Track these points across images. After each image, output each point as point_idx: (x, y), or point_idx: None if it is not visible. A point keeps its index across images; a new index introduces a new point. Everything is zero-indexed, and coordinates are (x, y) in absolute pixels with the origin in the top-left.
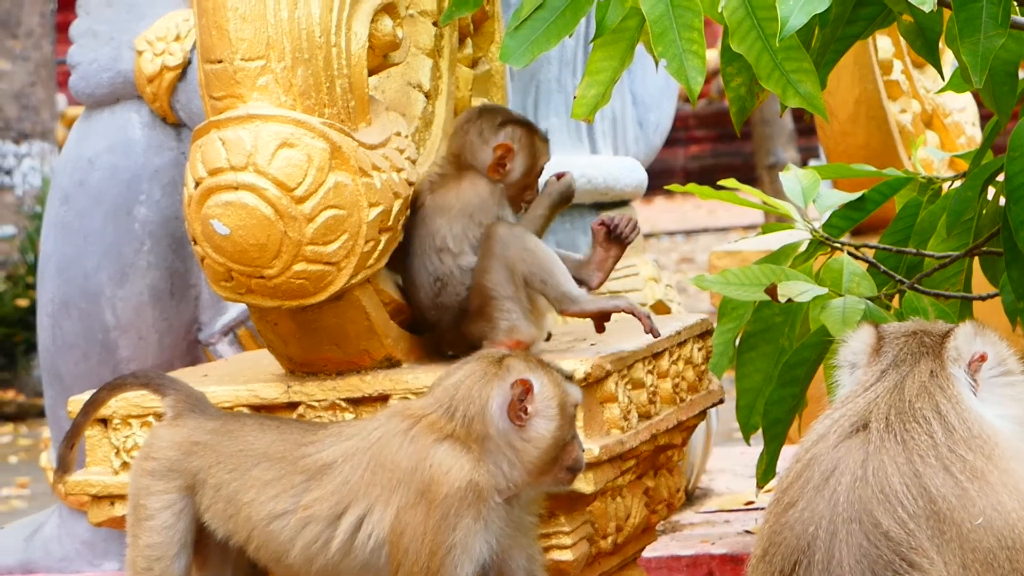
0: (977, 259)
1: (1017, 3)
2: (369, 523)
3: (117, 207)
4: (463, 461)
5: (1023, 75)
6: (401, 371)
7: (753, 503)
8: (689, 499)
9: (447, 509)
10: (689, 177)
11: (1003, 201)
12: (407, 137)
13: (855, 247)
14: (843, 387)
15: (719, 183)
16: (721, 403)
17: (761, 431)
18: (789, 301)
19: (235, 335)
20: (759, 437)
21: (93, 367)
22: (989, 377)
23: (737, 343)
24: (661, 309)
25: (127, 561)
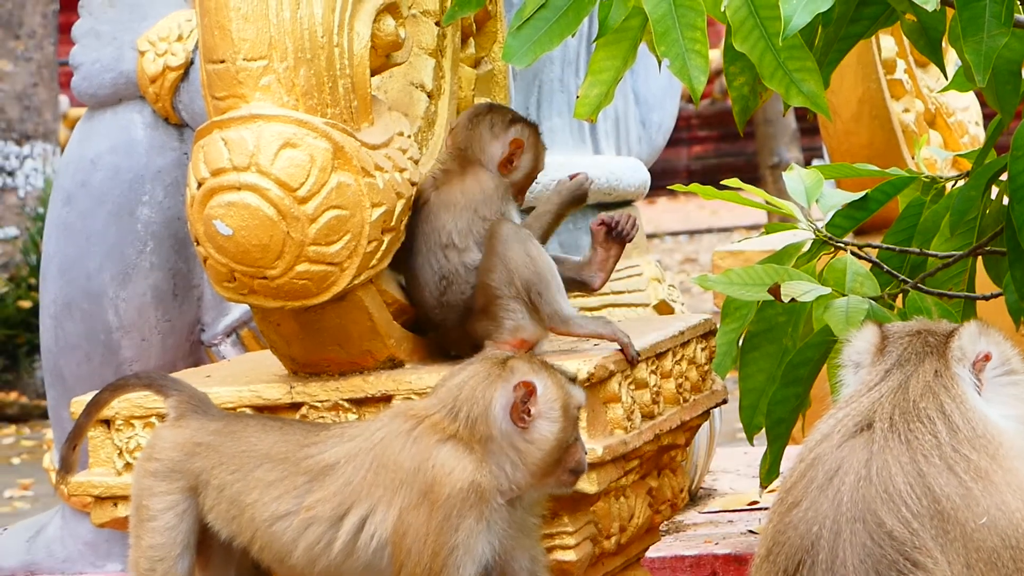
0: (981, 259)
1: (1020, 2)
2: (372, 524)
3: (119, 208)
4: (466, 462)
5: None
6: (404, 372)
7: (757, 503)
8: (693, 499)
9: (450, 510)
10: (692, 177)
11: (1006, 200)
12: (410, 137)
13: (858, 247)
14: (847, 386)
15: (722, 183)
16: (724, 403)
17: (764, 431)
18: (792, 301)
19: (238, 336)
20: (763, 437)
21: (96, 368)
22: (993, 377)
23: (740, 343)
24: (664, 309)
25: (130, 562)
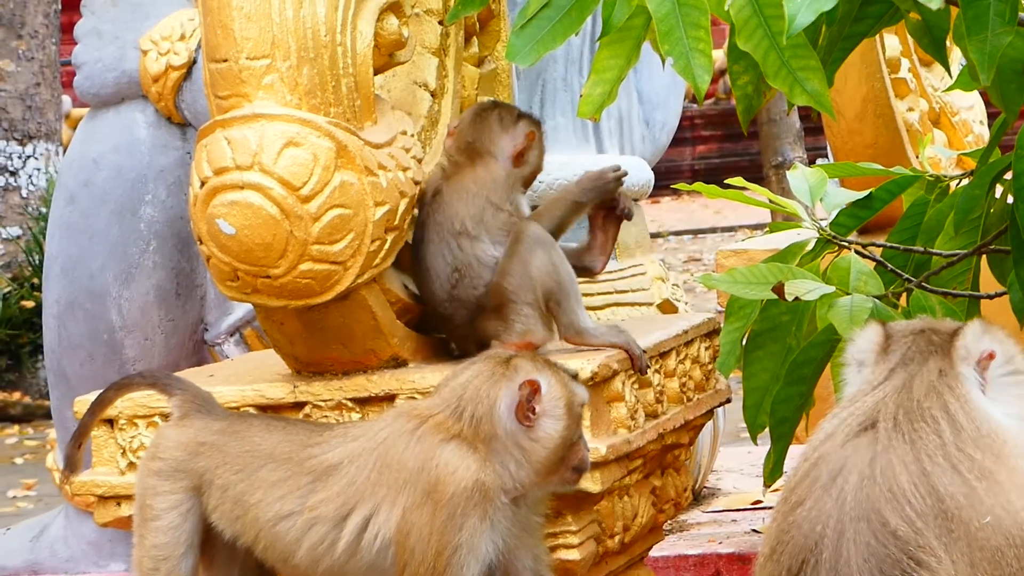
0: (985, 257)
1: None
2: (375, 524)
3: (122, 207)
4: (469, 461)
5: None
6: (407, 371)
7: (760, 502)
8: (696, 498)
9: (453, 509)
10: (696, 176)
11: (1011, 199)
12: (413, 136)
13: (862, 245)
14: (850, 385)
15: (726, 182)
16: (728, 402)
17: (768, 430)
18: (796, 300)
19: (241, 335)
20: (766, 436)
21: (99, 368)
22: (997, 376)
23: (744, 342)
24: (668, 308)
25: (133, 561)
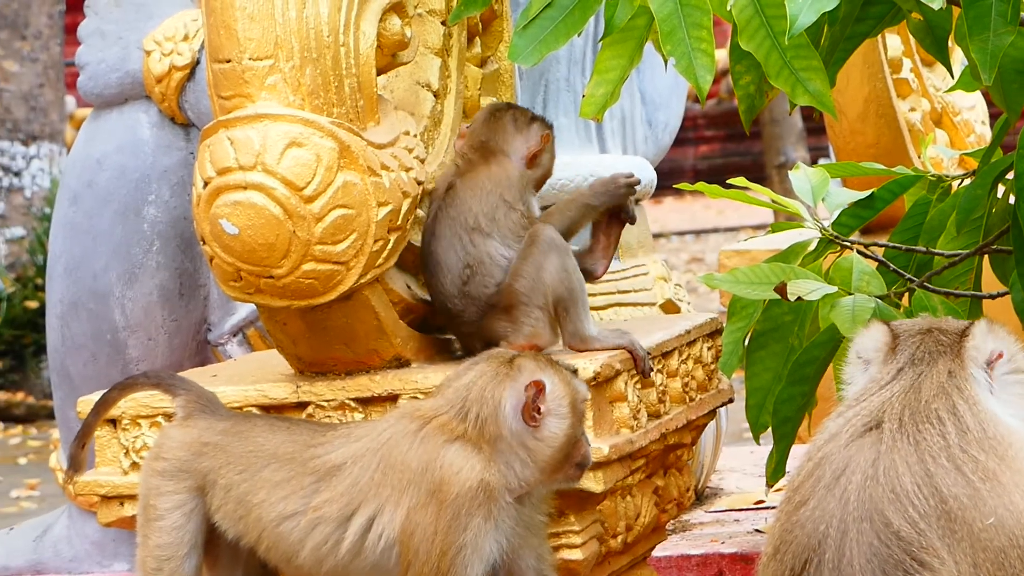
0: (987, 257)
1: None
2: (379, 524)
3: (126, 207)
4: (474, 461)
5: None
6: (410, 371)
7: (763, 502)
8: (699, 498)
9: (458, 509)
10: (698, 176)
11: (1013, 199)
12: (416, 136)
13: (864, 245)
14: (854, 383)
15: (729, 182)
16: (731, 402)
17: (771, 430)
18: (799, 300)
19: (244, 335)
20: (769, 436)
21: (102, 368)
22: (1002, 375)
23: (747, 342)
24: (671, 308)
25: (137, 561)
